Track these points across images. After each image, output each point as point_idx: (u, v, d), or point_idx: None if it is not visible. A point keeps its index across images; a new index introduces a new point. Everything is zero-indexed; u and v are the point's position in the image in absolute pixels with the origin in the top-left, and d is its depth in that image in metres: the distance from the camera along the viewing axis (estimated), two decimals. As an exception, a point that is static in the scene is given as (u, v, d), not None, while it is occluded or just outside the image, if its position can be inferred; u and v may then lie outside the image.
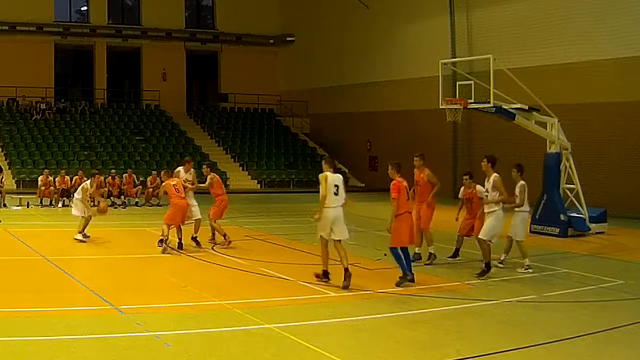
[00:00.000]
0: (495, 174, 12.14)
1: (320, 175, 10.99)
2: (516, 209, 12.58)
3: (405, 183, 11.01)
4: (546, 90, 20.74)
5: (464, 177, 13.61)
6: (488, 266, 11.67)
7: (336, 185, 10.81)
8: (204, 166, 15.64)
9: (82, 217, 15.35)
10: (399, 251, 10.82)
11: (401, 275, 10.76)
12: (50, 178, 23.17)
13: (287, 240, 15.89)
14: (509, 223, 12.53)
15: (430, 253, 12.85)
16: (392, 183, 10.92)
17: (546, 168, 18.01)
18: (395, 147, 29.27)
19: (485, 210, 12.07)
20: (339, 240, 10.65)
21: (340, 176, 11.19)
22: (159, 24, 37.59)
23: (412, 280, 10.77)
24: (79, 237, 15.06)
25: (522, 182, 12.77)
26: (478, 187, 13.05)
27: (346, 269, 10.45)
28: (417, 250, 12.68)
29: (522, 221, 12.63)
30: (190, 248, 13.97)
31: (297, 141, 37.58)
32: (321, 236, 10.77)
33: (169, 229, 13.47)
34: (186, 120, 37.61)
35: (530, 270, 12.11)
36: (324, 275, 10.78)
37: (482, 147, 27.63)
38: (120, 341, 7.51)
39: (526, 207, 12.81)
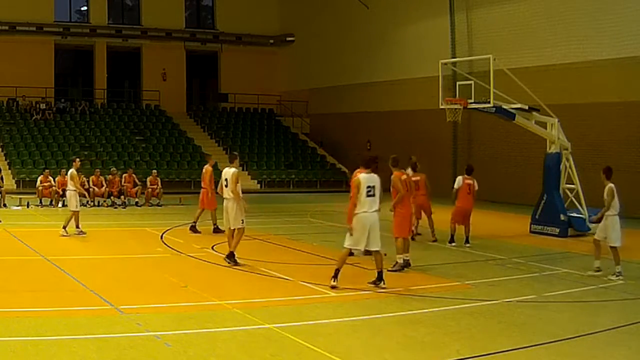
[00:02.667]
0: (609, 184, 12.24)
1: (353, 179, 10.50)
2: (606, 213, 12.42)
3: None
4: (546, 90, 20.75)
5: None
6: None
7: (370, 187, 10.23)
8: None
9: (73, 211, 15.42)
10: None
11: None
12: (50, 178, 23.18)
13: (287, 240, 15.90)
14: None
15: (396, 262, 12.00)
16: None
17: (546, 168, 18.01)
18: (395, 147, 29.27)
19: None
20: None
21: (376, 176, 10.40)
22: (159, 24, 37.56)
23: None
24: (64, 232, 15.23)
25: (609, 185, 12.52)
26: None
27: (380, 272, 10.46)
28: (406, 257, 12.18)
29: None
30: (194, 248, 13.99)
31: (297, 141, 37.58)
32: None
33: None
34: (186, 120, 37.60)
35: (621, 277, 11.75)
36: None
37: (482, 147, 27.73)
38: (120, 341, 7.51)
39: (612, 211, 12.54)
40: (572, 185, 18.01)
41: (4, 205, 21.92)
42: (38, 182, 23.11)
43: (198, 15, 40.82)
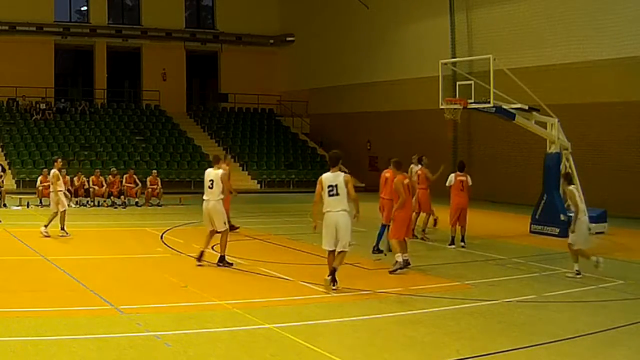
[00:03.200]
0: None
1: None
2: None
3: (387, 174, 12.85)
4: (546, 90, 20.74)
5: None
6: None
7: (332, 186, 10.10)
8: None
9: (56, 211, 15.39)
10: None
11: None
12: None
13: (287, 240, 15.89)
14: None
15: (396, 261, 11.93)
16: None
17: (546, 168, 18.00)
18: (395, 147, 29.30)
19: None
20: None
21: (341, 176, 10.27)
22: (159, 24, 37.56)
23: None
24: (45, 230, 15.19)
25: (570, 188, 12.42)
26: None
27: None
28: (405, 256, 12.12)
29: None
30: (194, 248, 13.98)
31: (297, 141, 37.58)
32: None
33: None
34: (186, 120, 37.61)
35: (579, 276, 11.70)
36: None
37: (482, 147, 27.72)
38: (120, 341, 7.51)
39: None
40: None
41: (4, 205, 21.91)
42: (38, 182, 23.10)
43: (198, 15, 40.82)
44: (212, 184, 12.29)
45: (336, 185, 10.11)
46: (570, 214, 17.44)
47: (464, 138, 28.79)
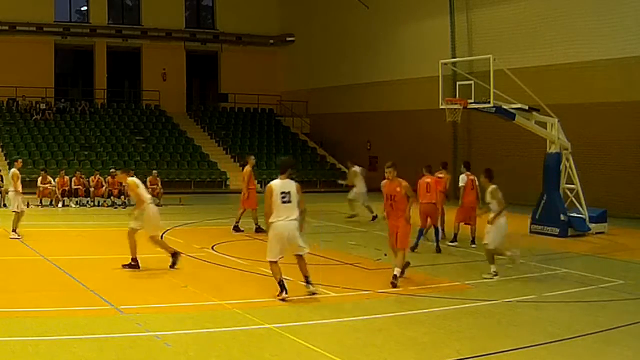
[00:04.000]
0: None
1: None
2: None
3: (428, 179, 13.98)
4: (546, 90, 20.73)
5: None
6: None
7: (285, 193, 9.67)
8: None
9: (14, 211, 15.34)
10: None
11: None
12: (50, 178, 23.19)
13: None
14: None
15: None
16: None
17: (546, 168, 18.01)
18: (395, 147, 29.30)
19: None
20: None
21: (293, 183, 9.86)
22: (159, 24, 37.55)
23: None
24: (15, 235, 14.99)
25: (492, 186, 12.24)
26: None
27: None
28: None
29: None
30: (194, 248, 13.99)
31: (297, 141, 37.56)
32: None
33: None
34: (186, 120, 37.60)
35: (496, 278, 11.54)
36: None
37: (482, 147, 27.68)
38: (120, 341, 7.51)
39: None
40: (572, 185, 18.01)
41: (4, 205, 21.90)
42: (39, 182, 23.11)
43: (198, 15, 40.80)
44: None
45: (289, 192, 9.70)
46: (571, 214, 17.58)
47: (464, 138, 28.78)
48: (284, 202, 9.65)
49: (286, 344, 7.68)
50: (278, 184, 9.80)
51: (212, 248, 14.17)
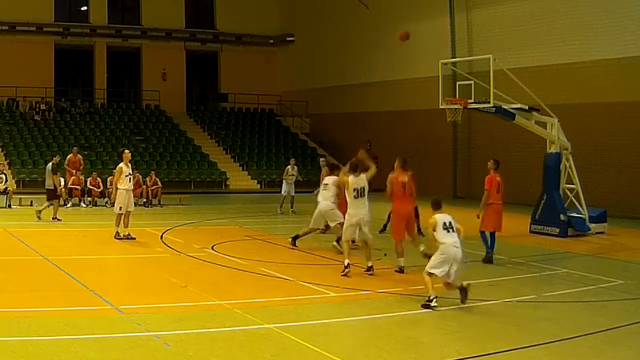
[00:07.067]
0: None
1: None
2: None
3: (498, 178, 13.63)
4: (546, 90, 20.73)
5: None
6: None
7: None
8: None
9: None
10: (486, 234, 13.38)
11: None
12: (61, 178, 23.11)
13: (287, 240, 15.86)
14: None
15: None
16: (486, 177, 13.49)
17: (546, 168, 18.00)
18: (395, 147, 29.28)
19: None
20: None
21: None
22: (159, 24, 37.56)
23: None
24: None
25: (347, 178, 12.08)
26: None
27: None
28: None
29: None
30: (194, 248, 13.99)
31: (297, 141, 37.56)
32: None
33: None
34: (186, 120, 37.61)
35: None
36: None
37: (482, 147, 27.69)
38: (120, 341, 7.51)
39: None
40: (572, 185, 18.01)
41: (9, 206, 21.90)
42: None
43: (198, 15, 40.78)
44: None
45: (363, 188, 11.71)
46: (571, 214, 17.59)
47: (464, 138, 28.79)
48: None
49: (286, 344, 7.68)
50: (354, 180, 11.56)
51: (212, 248, 14.17)
